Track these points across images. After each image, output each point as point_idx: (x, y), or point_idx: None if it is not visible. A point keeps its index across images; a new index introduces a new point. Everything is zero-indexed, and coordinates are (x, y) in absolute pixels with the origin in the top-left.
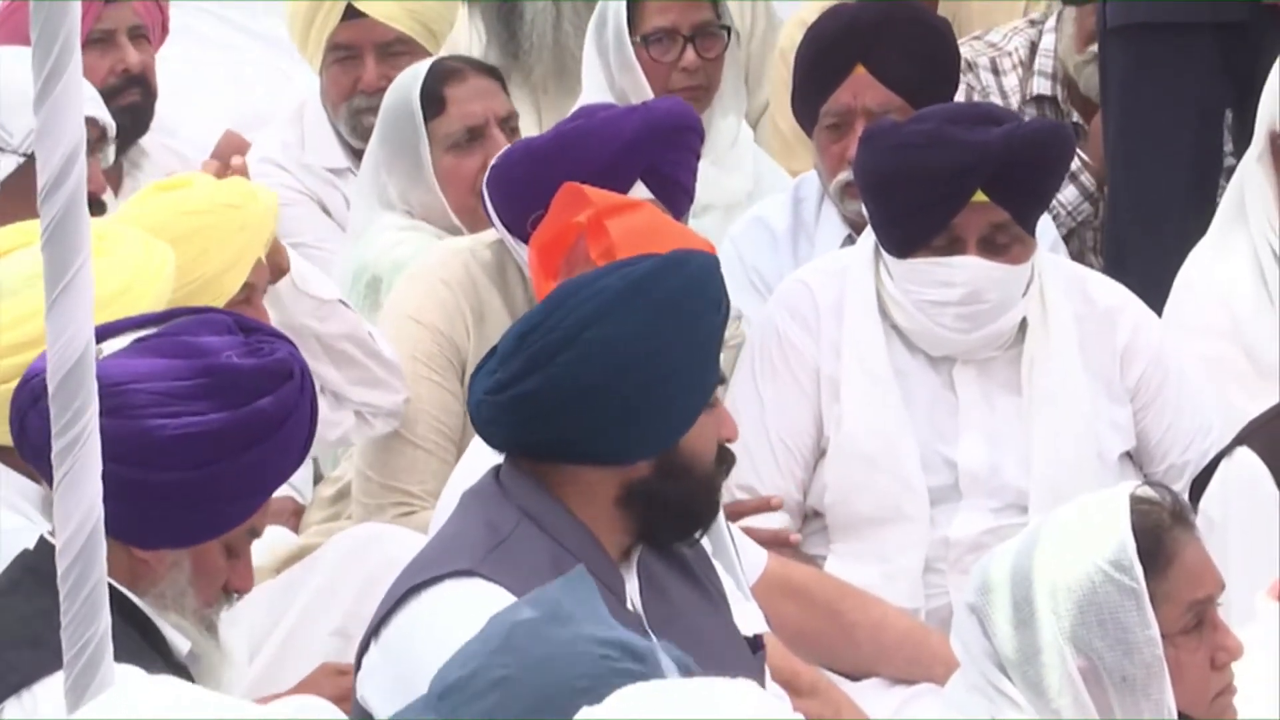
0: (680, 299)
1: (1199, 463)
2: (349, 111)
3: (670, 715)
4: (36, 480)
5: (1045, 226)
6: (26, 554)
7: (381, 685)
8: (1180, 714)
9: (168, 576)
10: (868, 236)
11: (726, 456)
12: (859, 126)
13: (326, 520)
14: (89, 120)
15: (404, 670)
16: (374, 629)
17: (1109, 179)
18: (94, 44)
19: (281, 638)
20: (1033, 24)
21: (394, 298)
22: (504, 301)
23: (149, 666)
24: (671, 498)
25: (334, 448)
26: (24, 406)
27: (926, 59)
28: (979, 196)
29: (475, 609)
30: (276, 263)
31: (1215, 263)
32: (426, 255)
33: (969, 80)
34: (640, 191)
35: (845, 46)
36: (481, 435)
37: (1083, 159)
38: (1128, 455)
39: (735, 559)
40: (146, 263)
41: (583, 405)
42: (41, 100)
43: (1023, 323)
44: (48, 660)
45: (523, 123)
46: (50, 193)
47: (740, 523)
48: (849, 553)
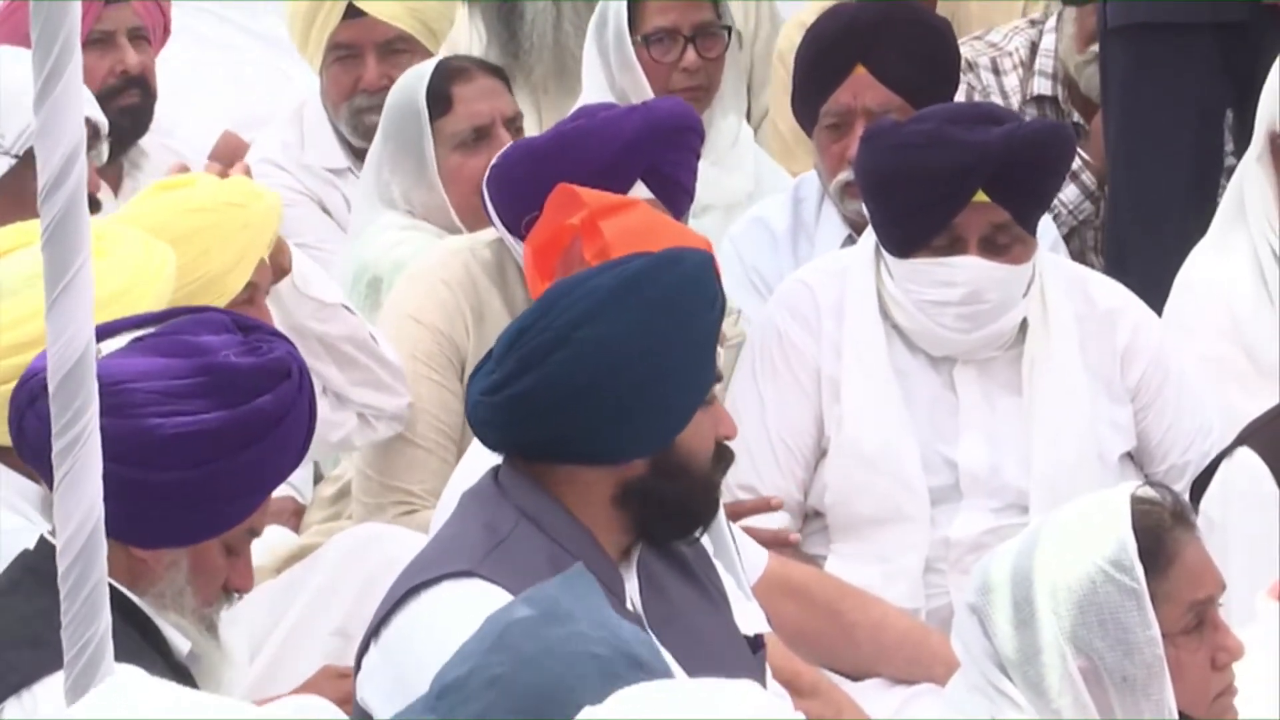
0: (673, 297)
1: (1199, 463)
2: (350, 111)
3: (672, 715)
4: (36, 480)
5: (1046, 226)
6: (27, 554)
7: (381, 686)
8: (1181, 714)
9: (166, 576)
10: (868, 236)
11: (725, 455)
12: (859, 126)
13: (327, 520)
14: None
15: (403, 671)
16: (373, 630)
17: (1109, 179)
18: (93, 44)
19: (282, 637)
20: (1033, 24)
21: (394, 297)
22: (504, 301)
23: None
24: (669, 496)
25: (336, 450)
26: (21, 407)
27: (926, 59)
28: (980, 196)
29: (474, 609)
30: (279, 262)
31: (1215, 262)
32: (426, 255)
33: (969, 80)
34: (640, 191)
35: (845, 46)
36: (478, 436)
37: (1084, 158)
38: (1128, 456)
39: (736, 558)
40: (146, 263)
41: (577, 405)
42: (41, 100)
43: (1023, 323)
44: (48, 660)
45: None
46: (50, 193)
47: (740, 523)
48: (849, 553)
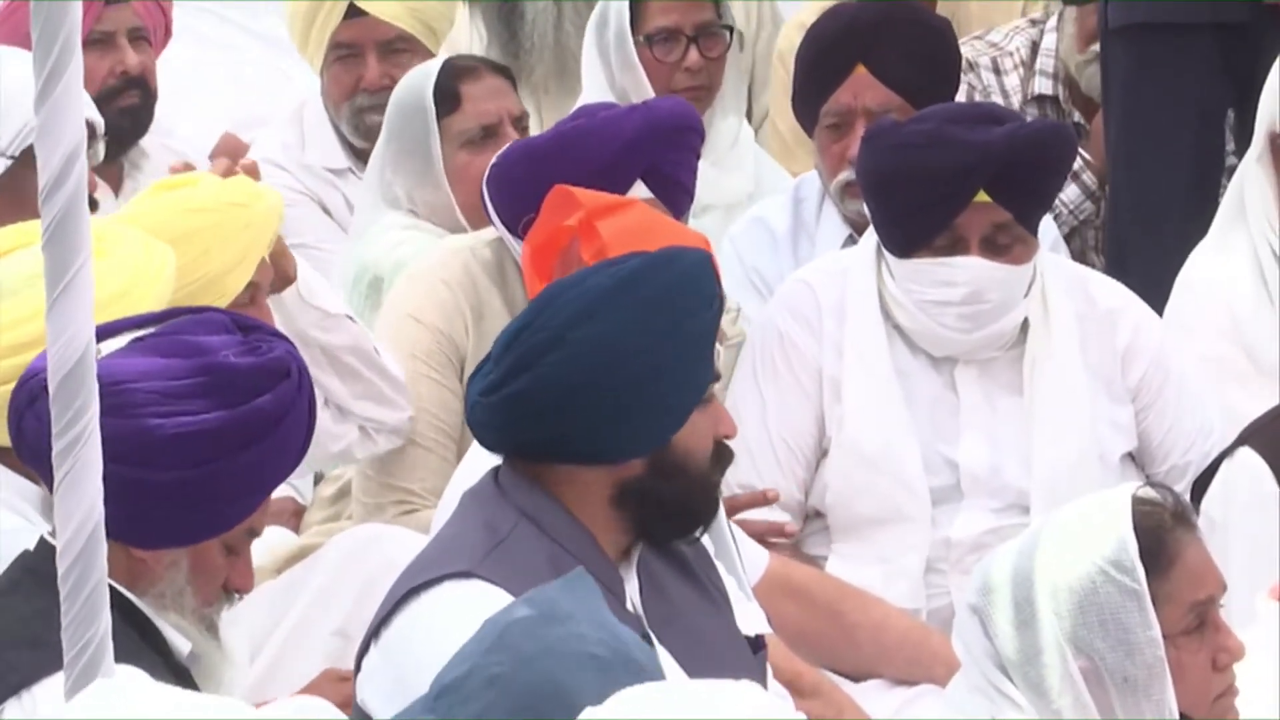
0: (669, 296)
1: (1201, 463)
2: (351, 110)
3: (674, 716)
4: (35, 481)
5: (1046, 226)
6: (26, 554)
7: (381, 687)
8: (1182, 715)
9: (166, 576)
10: (870, 236)
11: (724, 454)
12: (859, 126)
13: (327, 520)
14: None
15: (403, 672)
16: (374, 631)
17: (1110, 179)
18: (93, 45)
19: (282, 638)
20: (1034, 24)
21: (393, 297)
22: (503, 300)
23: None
24: (667, 496)
25: (336, 462)
26: (21, 407)
27: (926, 59)
28: (981, 196)
29: (474, 610)
30: (284, 270)
31: (1216, 263)
32: (426, 254)
33: (970, 80)
34: (640, 191)
35: (845, 46)
36: (477, 437)
37: (1084, 158)
38: (1129, 456)
39: (736, 559)
40: (147, 264)
41: (572, 405)
42: (42, 100)
43: (1024, 323)
44: (48, 661)
45: None
46: (51, 193)
47: (737, 516)
48: (850, 553)
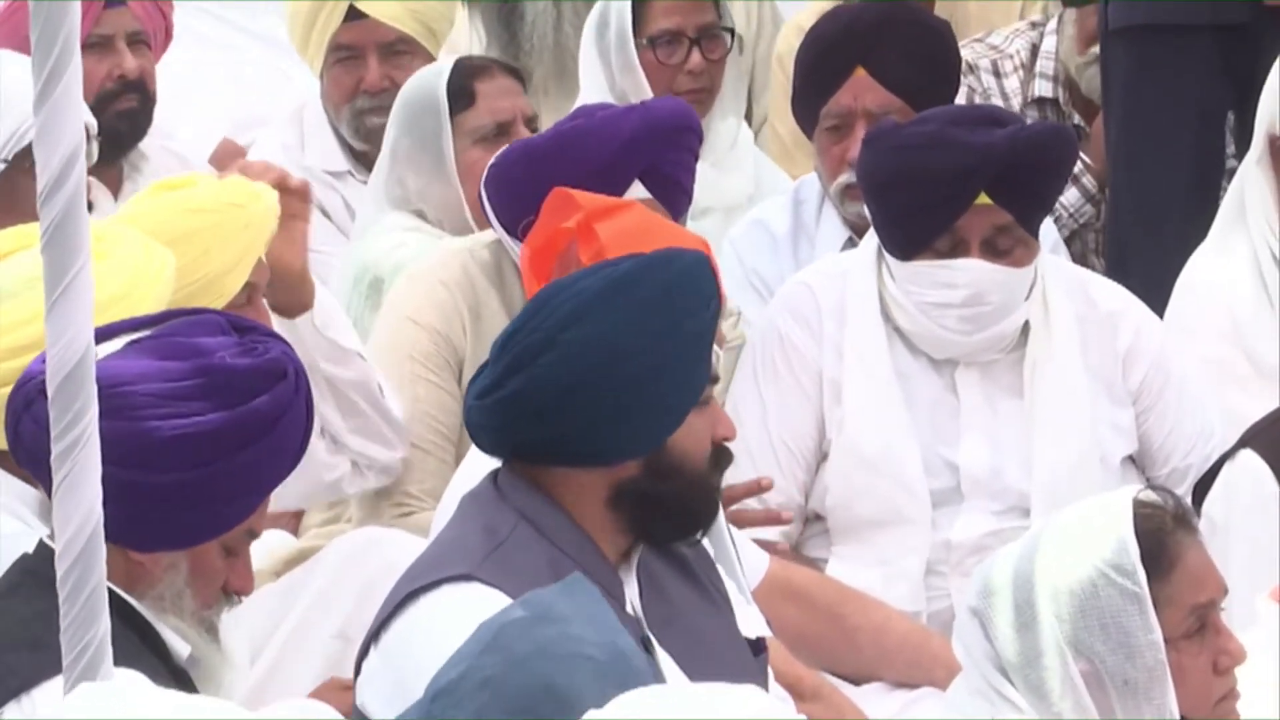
0: (664, 297)
1: (1202, 466)
2: (352, 112)
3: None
4: (33, 485)
5: (1047, 228)
6: (26, 557)
7: (381, 690)
8: (1183, 718)
9: (165, 578)
10: (870, 238)
11: (723, 456)
12: (859, 128)
13: (326, 523)
14: None
15: (403, 675)
16: (373, 634)
17: (1110, 181)
18: (91, 48)
19: (282, 641)
20: (1034, 26)
21: (392, 298)
22: (502, 301)
23: (148, 670)
24: (663, 497)
25: (328, 494)
26: (18, 410)
27: (926, 60)
28: (982, 199)
29: (473, 613)
30: (300, 297)
31: (1216, 265)
32: (425, 256)
33: (970, 82)
34: (638, 191)
35: (845, 48)
36: (474, 440)
37: (1084, 161)
38: (1130, 459)
39: (736, 562)
40: (146, 266)
41: (566, 406)
42: (41, 102)
43: (1025, 325)
44: (47, 664)
45: None
46: (50, 195)
47: (732, 508)
48: (850, 555)
